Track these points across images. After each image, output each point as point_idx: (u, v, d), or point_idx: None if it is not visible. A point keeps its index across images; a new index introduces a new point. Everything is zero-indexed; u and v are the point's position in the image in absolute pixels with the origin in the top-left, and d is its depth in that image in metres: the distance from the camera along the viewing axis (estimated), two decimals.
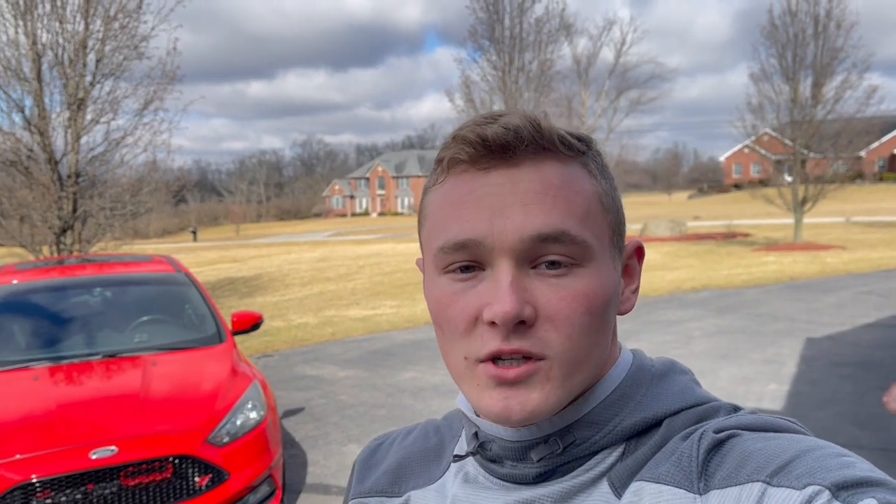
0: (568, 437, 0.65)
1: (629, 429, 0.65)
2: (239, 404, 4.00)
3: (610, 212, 0.66)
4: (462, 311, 0.62)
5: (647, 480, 0.61)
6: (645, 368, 0.69)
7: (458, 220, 0.63)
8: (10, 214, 12.01)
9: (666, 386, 0.68)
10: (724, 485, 0.56)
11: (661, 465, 0.61)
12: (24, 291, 4.97)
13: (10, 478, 3.28)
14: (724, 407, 0.66)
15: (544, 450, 0.65)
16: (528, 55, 17.17)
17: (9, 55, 11.74)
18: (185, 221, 79.11)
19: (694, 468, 0.58)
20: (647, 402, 0.66)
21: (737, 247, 22.50)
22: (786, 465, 0.54)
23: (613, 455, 0.64)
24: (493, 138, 0.61)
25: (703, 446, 0.59)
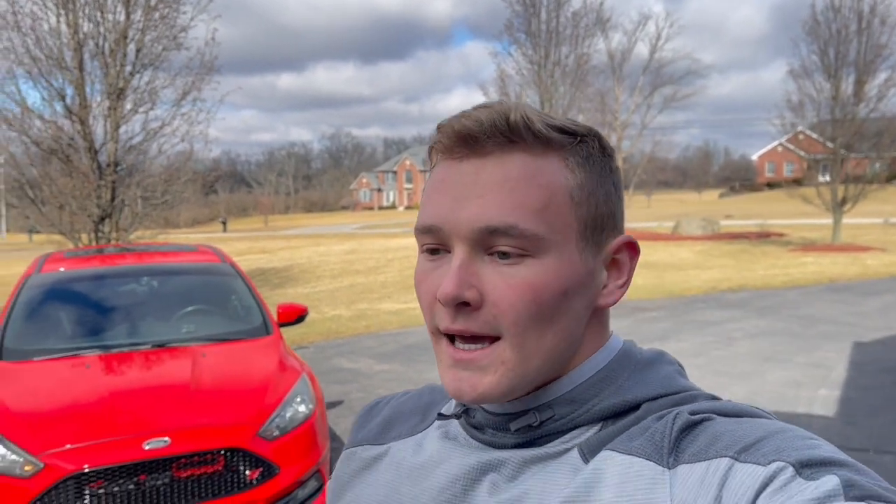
0: (546, 413, 0.67)
1: (607, 409, 0.67)
2: (288, 398, 3.96)
3: (583, 205, 0.67)
4: (427, 289, 0.68)
5: (618, 451, 0.63)
6: (631, 356, 0.71)
7: (428, 205, 0.67)
8: (50, 202, 12.14)
9: (649, 373, 0.70)
10: (692, 460, 0.59)
11: (634, 440, 0.63)
12: (71, 279, 4.98)
13: (64, 467, 3.26)
14: (702, 395, 0.68)
15: (522, 422, 0.68)
16: (565, 49, 16.97)
17: (51, 44, 11.85)
18: (215, 211, 79.90)
19: (666, 444, 0.61)
20: (628, 387, 0.68)
21: (772, 247, 22.11)
22: (754, 444, 0.57)
23: (590, 432, 0.67)
24: (461, 130, 0.65)
25: (677, 425, 0.61)
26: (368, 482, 0.79)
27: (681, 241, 25.26)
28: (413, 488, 0.73)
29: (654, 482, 0.59)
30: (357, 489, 0.80)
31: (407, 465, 0.76)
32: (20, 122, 11.81)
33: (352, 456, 0.84)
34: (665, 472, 0.59)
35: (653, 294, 12.95)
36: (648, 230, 29.52)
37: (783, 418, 0.64)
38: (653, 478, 0.59)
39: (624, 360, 0.70)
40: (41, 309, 4.63)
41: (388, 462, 0.79)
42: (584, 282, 0.67)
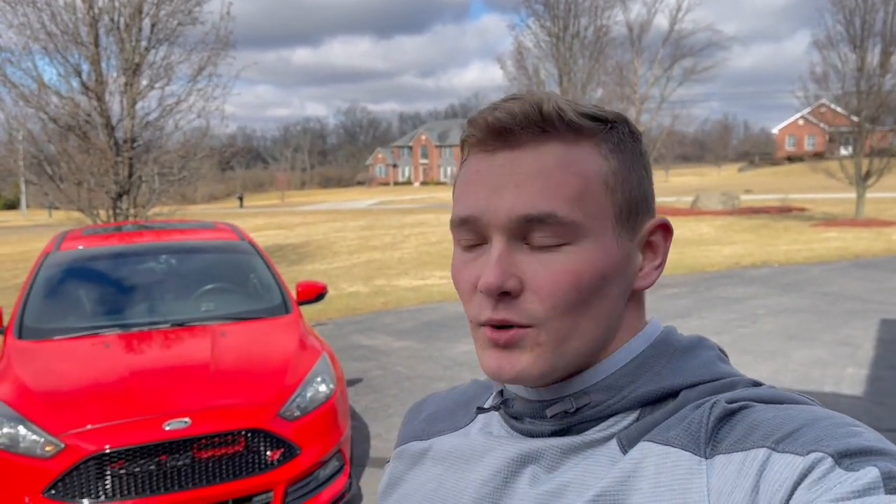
0: (582, 399, 0.67)
1: (644, 396, 0.66)
2: (309, 378, 3.91)
3: (617, 192, 0.67)
4: (466, 280, 0.68)
5: (655, 442, 0.62)
6: (669, 342, 0.71)
7: (464, 197, 0.68)
8: (68, 178, 12.16)
9: (688, 360, 0.69)
10: (730, 450, 0.58)
11: (671, 430, 0.62)
12: (91, 257, 4.94)
13: (85, 448, 3.24)
14: (742, 381, 0.67)
15: (558, 408, 0.68)
16: (584, 21, 16.66)
17: (66, 20, 11.78)
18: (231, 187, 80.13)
19: (702, 434, 0.60)
20: (666, 374, 0.67)
21: (793, 221, 21.80)
22: (792, 433, 0.55)
23: (628, 419, 0.66)
24: (493, 123, 0.66)
25: (714, 414, 0.60)
26: (416, 477, 0.80)
27: (700, 215, 24.99)
28: (457, 482, 0.74)
29: (690, 473, 0.59)
30: (406, 485, 0.81)
31: (451, 458, 0.76)
32: (37, 98, 11.78)
33: (401, 454, 0.85)
34: (702, 463, 0.59)
35: (674, 270, 12.79)
36: (667, 205, 29.20)
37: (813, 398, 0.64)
38: (689, 468, 0.59)
39: (662, 347, 0.70)
40: (60, 287, 4.60)
41: (432, 456, 0.79)
42: (622, 266, 0.68)
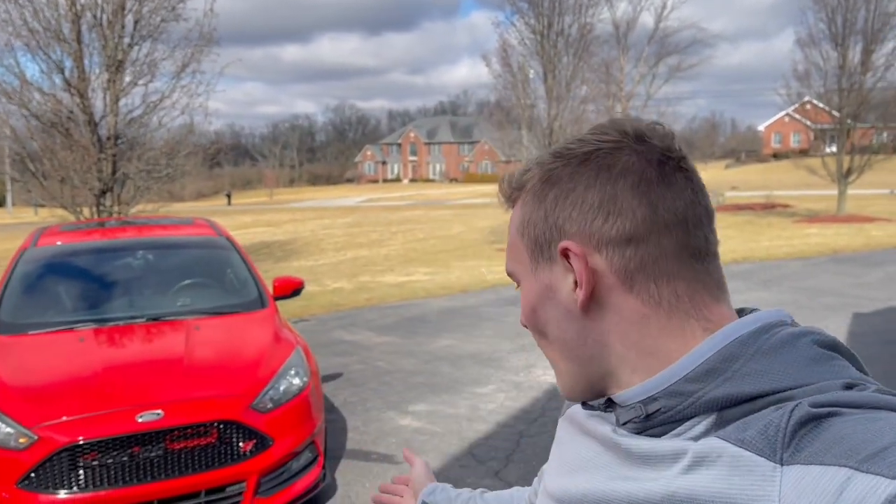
0: (653, 406, 0.69)
1: (715, 401, 0.65)
2: (282, 370, 3.97)
3: (524, 234, 0.77)
4: None
5: (730, 442, 0.61)
6: (750, 344, 0.66)
7: None
8: (52, 175, 12.12)
9: (768, 360, 0.65)
10: (809, 461, 0.55)
11: (747, 430, 0.60)
12: (68, 253, 4.98)
13: (58, 439, 3.29)
14: (832, 385, 0.62)
15: (630, 414, 0.71)
16: (568, 18, 16.73)
17: (48, 16, 11.74)
18: (220, 185, 79.77)
19: (780, 438, 0.58)
20: (739, 378, 0.65)
21: (777, 218, 22.01)
22: (881, 451, 0.52)
23: (704, 423, 0.65)
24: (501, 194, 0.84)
25: (795, 418, 0.58)
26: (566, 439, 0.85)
27: None
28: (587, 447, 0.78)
29: (763, 479, 0.57)
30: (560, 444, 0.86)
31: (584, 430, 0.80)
32: (19, 95, 11.74)
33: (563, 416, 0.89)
34: (776, 470, 0.57)
35: None
36: None
37: None
38: (763, 475, 0.57)
39: (743, 348, 0.67)
40: (36, 282, 4.64)
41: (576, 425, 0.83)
42: (546, 295, 0.75)
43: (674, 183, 0.71)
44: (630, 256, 0.70)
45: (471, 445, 4.91)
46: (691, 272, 0.70)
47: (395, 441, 5.02)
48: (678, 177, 0.71)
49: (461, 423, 5.32)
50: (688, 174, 0.72)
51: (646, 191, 0.70)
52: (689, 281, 0.70)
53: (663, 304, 0.70)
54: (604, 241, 0.70)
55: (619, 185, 0.70)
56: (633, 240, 0.70)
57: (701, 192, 0.73)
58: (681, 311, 0.70)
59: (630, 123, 0.74)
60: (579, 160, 0.73)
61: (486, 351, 7.37)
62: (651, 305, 0.70)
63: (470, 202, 41.76)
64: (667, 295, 0.70)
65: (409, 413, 5.58)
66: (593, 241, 0.71)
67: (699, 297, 0.70)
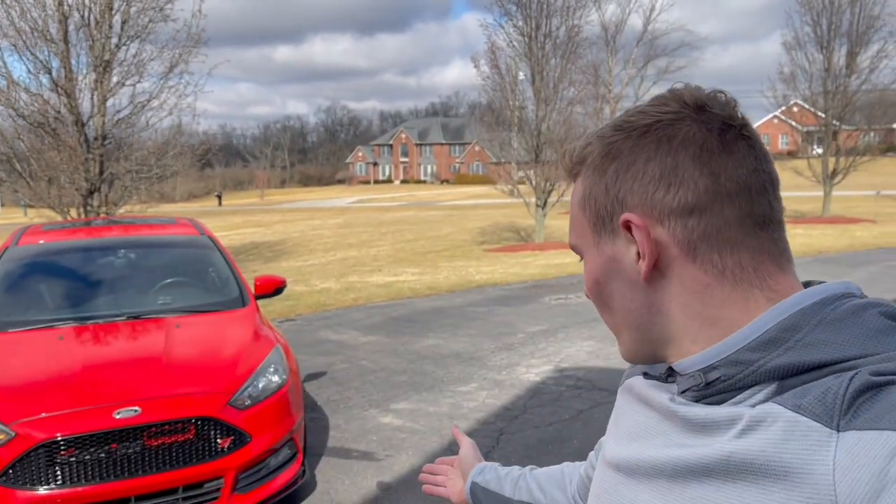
0: (712, 374, 0.70)
1: (777, 370, 0.65)
2: (261, 368, 4.01)
3: (587, 208, 0.78)
4: None
5: (787, 407, 0.61)
6: (813, 314, 0.66)
7: None
8: (39, 176, 12.10)
9: (832, 331, 0.65)
10: (865, 426, 0.56)
11: (805, 396, 0.61)
12: (50, 252, 5.00)
13: (35, 436, 3.32)
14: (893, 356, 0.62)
15: (689, 382, 0.72)
16: (556, 21, 16.81)
17: (35, 16, 11.72)
18: (211, 186, 79.57)
19: (837, 405, 0.58)
20: (801, 347, 0.65)
21: None
22: None
23: (765, 392, 0.66)
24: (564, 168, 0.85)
25: (854, 386, 0.58)
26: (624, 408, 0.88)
27: None
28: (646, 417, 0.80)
29: (819, 444, 0.58)
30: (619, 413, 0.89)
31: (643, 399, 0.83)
32: (6, 95, 11.72)
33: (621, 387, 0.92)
34: (832, 435, 0.57)
35: None
36: None
37: None
38: (819, 440, 0.58)
39: (806, 318, 0.66)
40: (17, 281, 4.66)
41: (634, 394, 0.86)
42: (610, 267, 0.77)
43: (735, 151, 0.71)
44: (693, 227, 0.70)
45: (451, 443, 4.96)
46: (756, 241, 0.71)
47: (376, 439, 5.06)
48: (740, 144, 0.71)
49: (442, 421, 5.37)
50: (750, 141, 0.72)
51: (707, 160, 0.70)
52: (753, 250, 0.70)
53: (727, 273, 0.70)
54: (665, 212, 0.71)
55: (679, 156, 0.71)
56: (696, 210, 0.70)
57: (764, 159, 0.73)
58: (745, 280, 0.70)
59: (690, 93, 0.74)
60: (640, 132, 0.73)
61: (469, 350, 7.42)
62: (714, 275, 0.70)
63: (460, 203, 41.83)
64: (731, 265, 0.70)
65: (391, 411, 5.63)
66: (655, 213, 0.71)
67: (764, 266, 0.70)
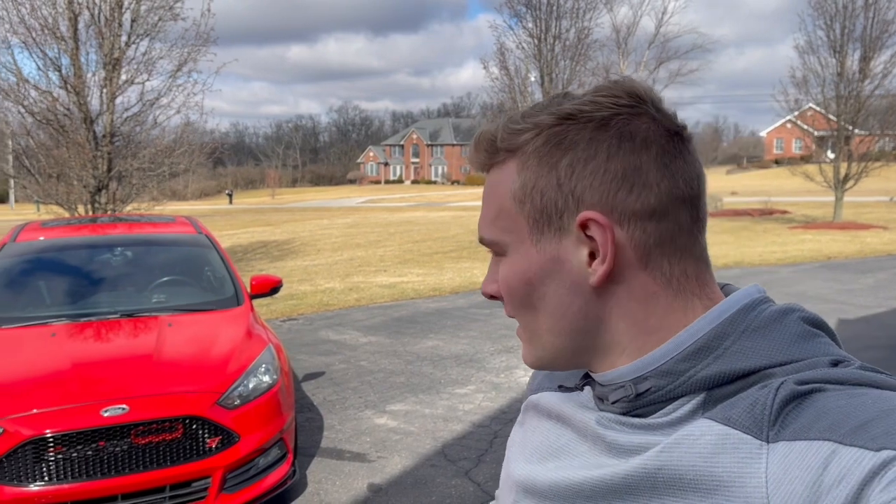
0: (643, 385, 0.68)
1: (707, 379, 0.65)
2: (252, 367, 4.01)
3: (525, 202, 0.70)
4: None
5: (716, 421, 0.61)
6: (740, 322, 0.66)
7: None
8: (48, 172, 12.19)
9: (759, 337, 0.65)
10: (794, 437, 0.56)
11: (733, 409, 0.61)
12: (46, 249, 5.03)
13: (23, 432, 3.32)
14: (820, 362, 0.62)
15: (619, 393, 0.70)
16: (565, 23, 16.80)
17: (45, 14, 11.80)
18: (223, 184, 80.00)
19: (766, 416, 0.58)
20: (729, 356, 0.65)
21: (774, 224, 22.01)
22: (864, 425, 0.52)
23: (693, 402, 0.65)
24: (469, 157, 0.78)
25: (780, 396, 0.58)
26: (530, 426, 0.85)
27: None
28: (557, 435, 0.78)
29: (750, 456, 0.57)
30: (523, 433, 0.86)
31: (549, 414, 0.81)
32: (16, 92, 11.81)
33: (524, 407, 0.90)
34: (763, 447, 0.57)
35: None
36: None
37: None
38: (750, 452, 0.58)
39: (730, 327, 0.66)
40: (13, 277, 4.68)
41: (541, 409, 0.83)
42: (550, 268, 0.70)
43: (687, 153, 0.69)
44: (651, 232, 0.67)
45: (444, 445, 4.94)
46: (697, 248, 0.70)
47: (370, 440, 5.05)
48: (690, 147, 0.70)
49: (437, 423, 5.36)
50: (692, 144, 0.71)
51: (668, 163, 0.67)
52: (695, 258, 0.69)
53: (673, 282, 0.68)
54: (627, 214, 0.67)
55: (643, 156, 0.67)
56: (656, 214, 0.67)
57: (700, 162, 0.72)
58: (687, 290, 0.69)
59: (640, 87, 0.70)
60: (597, 124, 0.68)
61: (469, 352, 7.40)
62: (662, 284, 0.68)
63: (470, 205, 41.80)
64: (677, 273, 0.68)
65: (387, 412, 5.62)
66: (615, 214, 0.67)
67: (702, 273, 0.70)
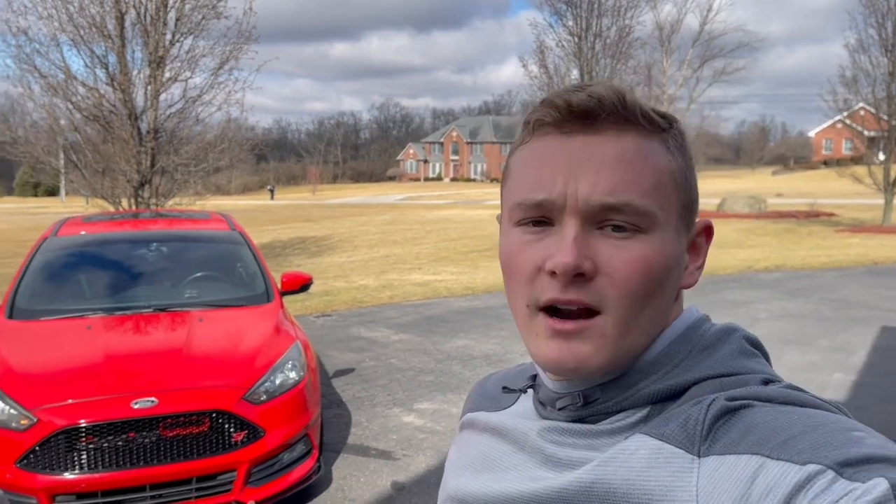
0: (593, 395, 0.68)
1: (653, 394, 0.66)
2: (279, 364, 4.06)
3: (681, 189, 0.69)
4: (528, 261, 0.67)
5: (651, 436, 0.62)
6: (691, 339, 0.69)
7: (537, 178, 0.67)
8: (93, 167, 12.51)
9: (707, 355, 0.68)
10: (723, 451, 0.57)
11: (668, 424, 0.62)
12: (85, 243, 5.16)
13: (56, 422, 3.42)
14: (753, 379, 0.64)
15: (567, 401, 0.70)
16: (606, 21, 16.63)
17: (93, 12, 12.10)
18: (265, 179, 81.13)
19: (698, 432, 0.59)
20: (678, 373, 0.67)
21: (819, 226, 21.49)
22: (790, 439, 0.54)
23: (637, 415, 0.66)
24: (577, 104, 0.66)
25: (712, 412, 0.60)
26: (465, 442, 0.86)
27: (725, 218, 24.72)
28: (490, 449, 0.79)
29: (681, 470, 0.58)
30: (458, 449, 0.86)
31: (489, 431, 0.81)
32: (64, 88, 12.14)
33: (460, 426, 0.90)
34: (694, 462, 0.58)
35: None
36: None
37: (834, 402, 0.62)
38: (681, 466, 0.59)
39: (682, 344, 0.69)
40: (53, 271, 4.82)
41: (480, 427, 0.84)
42: (680, 261, 0.70)
43: None
44: None
45: None
46: None
47: (396, 438, 5.08)
48: None
49: None
50: None
51: None
52: None
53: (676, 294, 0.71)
54: None
55: None
56: None
57: None
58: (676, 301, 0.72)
59: None
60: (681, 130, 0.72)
61: (499, 352, 7.39)
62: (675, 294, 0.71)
63: None
64: None
65: (414, 411, 5.64)
66: None
67: None
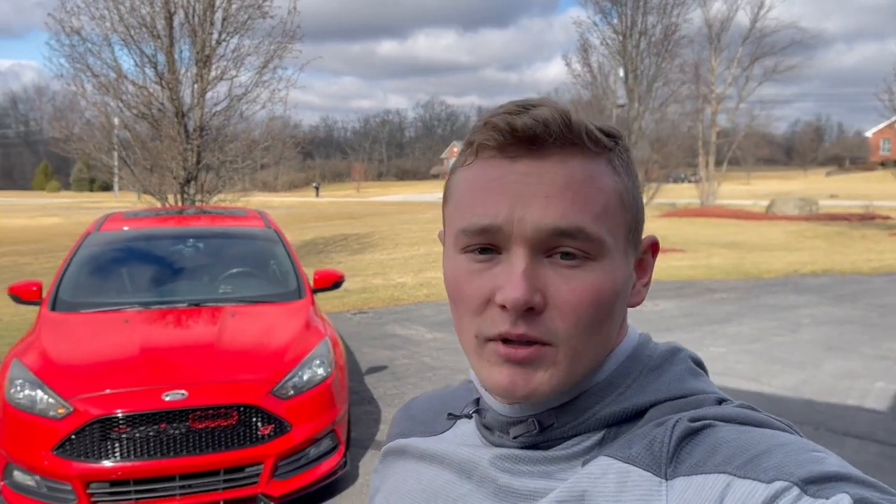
0: (548, 420, 0.67)
1: (608, 417, 0.66)
2: (307, 359, 4.13)
3: (628, 209, 0.67)
4: (476, 291, 0.65)
5: (616, 458, 0.61)
6: (640, 359, 0.69)
7: (483, 205, 0.65)
8: (140, 163, 12.84)
9: (656, 377, 0.68)
10: (690, 472, 0.57)
11: (633, 447, 0.61)
12: (126, 238, 5.32)
13: (91, 412, 3.54)
14: (708, 399, 0.66)
15: (522, 428, 0.68)
16: (652, 18, 16.40)
17: (144, 13, 12.41)
18: (311, 176, 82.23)
19: (664, 454, 0.59)
20: (631, 393, 0.67)
21: (873, 230, 20.85)
22: (755, 458, 0.55)
23: (592, 439, 0.66)
24: (522, 129, 0.63)
25: (676, 433, 0.60)
26: (399, 472, 0.82)
27: (774, 220, 24.17)
28: (431, 480, 0.76)
29: (650, 493, 0.58)
30: (390, 480, 0.83)
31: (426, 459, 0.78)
32: (115, 87, 12.49)
33: (386, 452, 0.87)
34: (662, 484, 0.58)
35: (728, 275, 12.53)
36: (741, 209, 28.35)
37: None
38: (650, 489, 0.58)
39: (632, 364, 0.69)
40: (94, 265, 4.98)
41: (411, 454, 0.81)
42: (628, 283, 0.68)
43: None
44: None
45: None
46: None
47: None
48: None
49: None
50: None
51: None
52: None
53: None
54: None
55: None
56: None
57: None
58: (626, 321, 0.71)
59: None
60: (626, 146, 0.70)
61: None
62: None
63: None
64: None
65: None
66: None
67: None
